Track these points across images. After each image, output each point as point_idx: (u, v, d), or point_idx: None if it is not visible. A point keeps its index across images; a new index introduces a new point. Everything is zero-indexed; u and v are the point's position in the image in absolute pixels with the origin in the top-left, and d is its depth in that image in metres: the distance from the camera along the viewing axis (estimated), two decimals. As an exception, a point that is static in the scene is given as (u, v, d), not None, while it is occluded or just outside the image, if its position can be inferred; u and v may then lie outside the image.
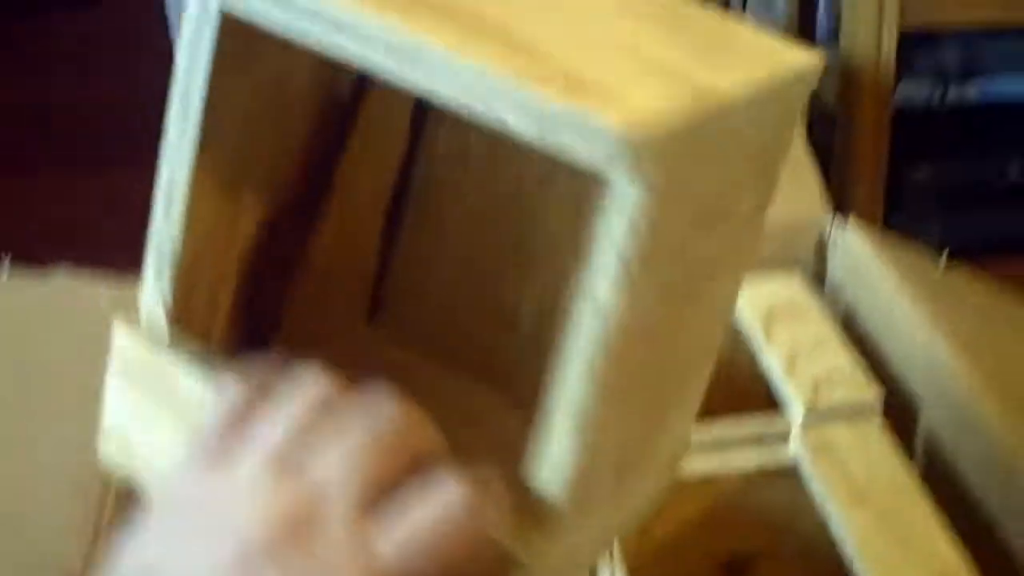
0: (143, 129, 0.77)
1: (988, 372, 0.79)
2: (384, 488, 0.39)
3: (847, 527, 0.71)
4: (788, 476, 0.77)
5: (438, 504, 0.39)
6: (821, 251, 0.98)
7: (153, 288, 0.47)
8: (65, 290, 0.89)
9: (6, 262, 0.90)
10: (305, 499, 0.39)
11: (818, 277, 0.98)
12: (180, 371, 0.46)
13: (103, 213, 2.14)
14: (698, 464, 0.78)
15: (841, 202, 0.98)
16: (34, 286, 0.89)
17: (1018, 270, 1.21)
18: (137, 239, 0.49)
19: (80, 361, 0.81)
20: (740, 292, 0.53)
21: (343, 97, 0.54)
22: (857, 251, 0.94)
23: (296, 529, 0.38)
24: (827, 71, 0.49)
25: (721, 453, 0.78)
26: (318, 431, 0.40)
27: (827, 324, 0.88)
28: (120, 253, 0.69)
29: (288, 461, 0.40)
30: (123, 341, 0.48)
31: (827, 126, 1.52)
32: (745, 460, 0.78)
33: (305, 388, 0.41)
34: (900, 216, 1.55)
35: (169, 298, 0.47)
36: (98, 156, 2.31)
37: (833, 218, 0.97)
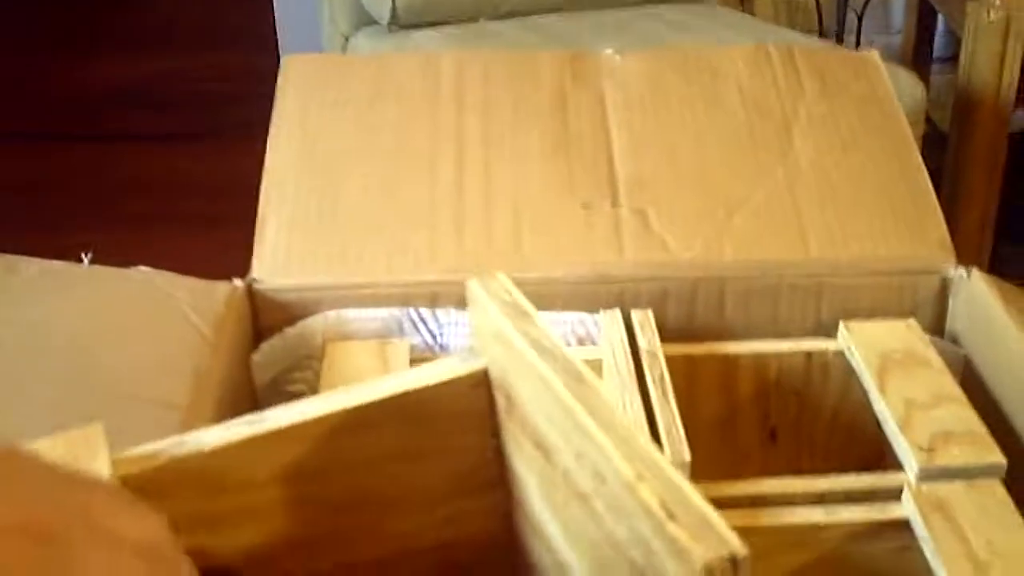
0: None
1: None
2: None
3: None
4: (898, 532, 0.71)
5: None
6: (942, 300, 0.92)
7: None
8: (146, 286, 0.85)
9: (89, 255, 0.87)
10: None
11: (937, 327, 0.92)
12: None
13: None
14: (802, 516, 0.72)
15: (949, 226, 0.93)
16: (115, 279, 0.86)
17: None
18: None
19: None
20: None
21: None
22: (981, 301, 0.88)
23: None
24: (941, 92, 0.44)
25: (826, 506, 0.73)
26: None
27: (946, 376, 0.82)
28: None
29: None
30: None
31: (938, 148, 1.47)
32: (852, 514, 0.73)
33: None
34: (1006, 243, 1.50)
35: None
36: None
37: (956, 266, 0.91)
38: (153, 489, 0.47)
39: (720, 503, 0.72)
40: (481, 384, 0.53)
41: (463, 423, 0.52)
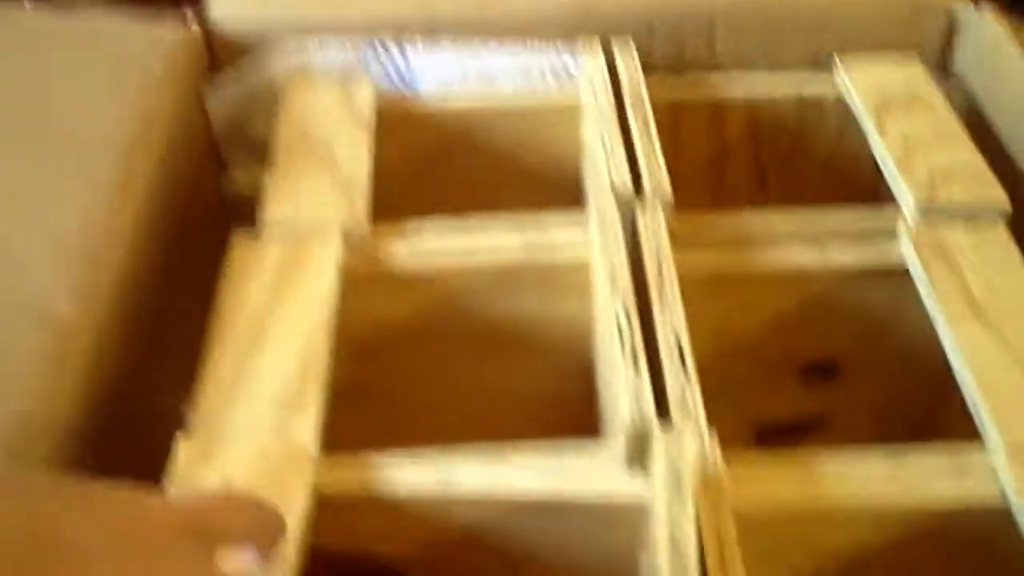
0: None
1: None
2: None
3: (958, 340, 0.61)
4: (893, 277, 0.67)
5: None
6: (948, 37, 0.85)
7: None
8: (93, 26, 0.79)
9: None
10: None
11: (941, 66, 0.86)
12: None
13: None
14: (792, 256, 0.68)
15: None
16: (61, 20, 0.80)
17: None
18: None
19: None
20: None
21: None
22: (991, 39, 0.81)
23: None
24: None
25: (819, 246, 0.69)
26: None
27: (950, 115, 0.77)
28: None
29: None
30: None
31: None
32: (845, 256, 0.68)
33: None
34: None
35: None
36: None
37: (966, 1, 0.84)
38: (342, 505, 0.54)
39: (705, 239, 0.69)
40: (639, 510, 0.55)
41: (621, 528, 0.55)
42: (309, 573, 0.50)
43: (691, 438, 0.54)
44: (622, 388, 0.56)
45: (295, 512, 0.51)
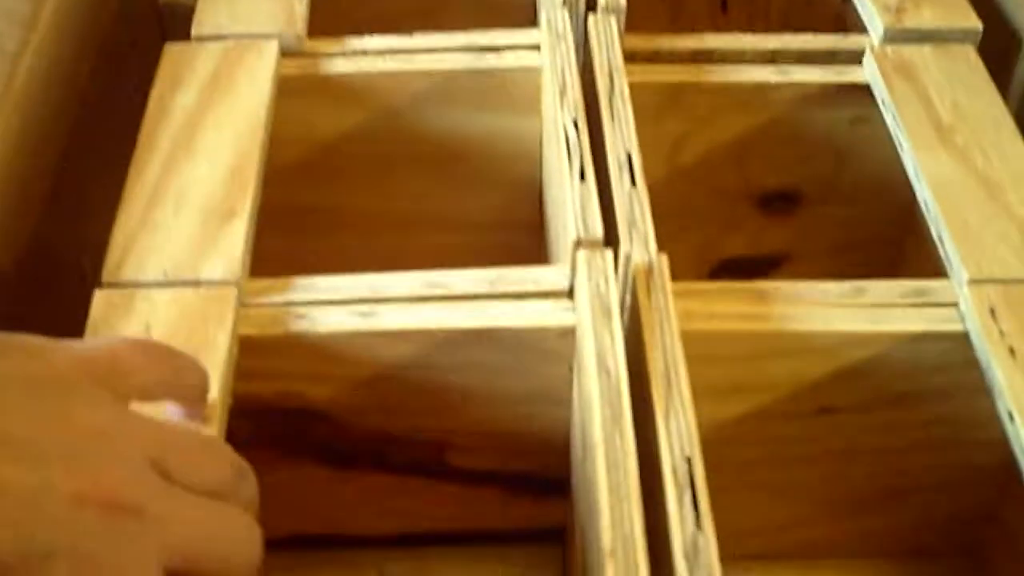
0: None
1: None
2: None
3: (923, 167, 0.58)
4: (856, 96, 0.64)
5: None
6: None
7: None
8: None
9: None
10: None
11: None
12: None
13: None
14: (752, 74, 0.65)
15: None
16: None
17: None
18: None
19: None
20: None
21: None
22: None
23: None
24: None
25: (778, 65, 0.65)
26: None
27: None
28: None
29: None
30: None
31: None
32: (807, 74, 0.65)
33: None
34: None
35: None
36: None
37: None
38: (268, 349, 0.51)
39: (661, 56, 0.65)
40: (568, 334, 0.51)
41: (548, 356, 0.52)
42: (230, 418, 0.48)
43: (638, 255, 0.51)
44: (567, 203, 0.53)
45: (217, 356, 0.48)
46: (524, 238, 0.67)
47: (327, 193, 0.67)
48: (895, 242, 0.68)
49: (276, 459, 0.55)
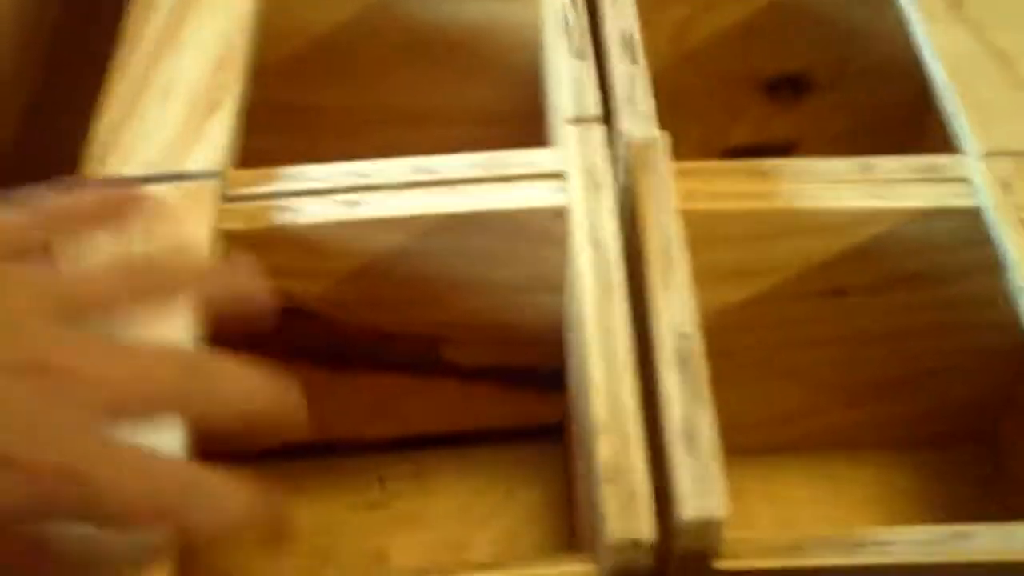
0: None
1: None
2: None
3: (935, 40, 0.55)
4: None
5: None
6: None
7: None
8: None
9: None
10: None
11: None
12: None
13: None
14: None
15: None
16: None
17: None
18: None
19: None
20: None
21: None
22: None
23: None
24: None
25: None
26: None
27: None
28: None
29: None
30: None
31: None
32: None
33: None
34: None
35: None
36: None
37: None
38: (253, 243, 0.48)
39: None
40: (561, 216, 0.49)
41: (541, 240, 0.49)
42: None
43: (637, 133, 0.49)
44: (564, 82, 0.51)
45: (199, 253, 0.47)
46: (525, 130, 0.65)
47: (323, 90, 0.65)
48: (908, 126, 0.66)
49: (268, 361, 0.54)
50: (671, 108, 0.54)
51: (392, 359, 0.55)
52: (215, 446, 0.38)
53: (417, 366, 0.55)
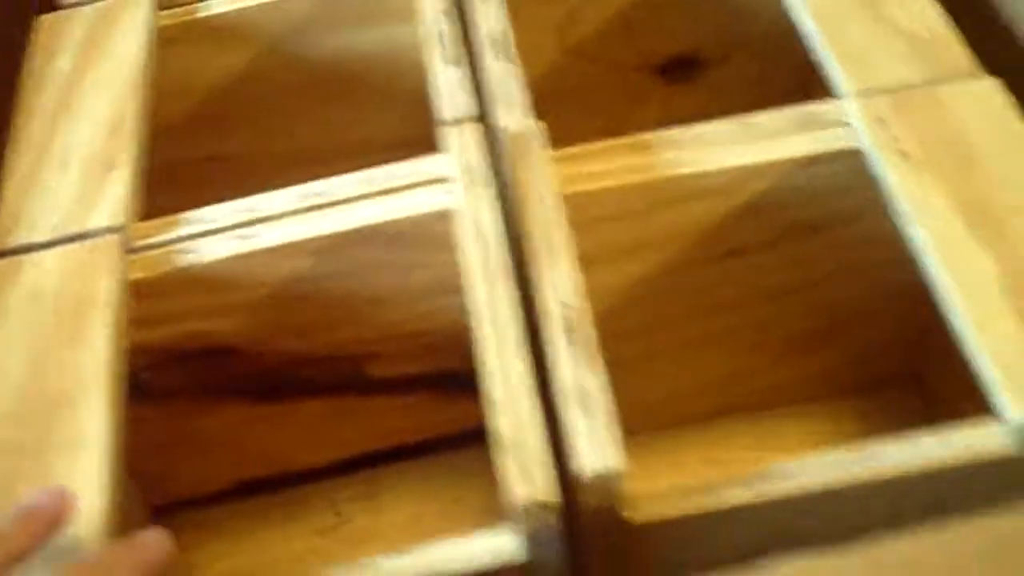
0: None
1: None
2: None
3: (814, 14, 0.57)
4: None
5: None
6: None
7: None
8: None
9: None
10: None
11: None
12: None
13: None
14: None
15: None
16: None
17: None
18: None
19: None
20: None
21: None
22: None
23: None
24: None
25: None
26: None
27: None
28: None
29: None
30: None
31: None
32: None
33: None
34: None
35: None
36: None
37: None
38: (160, 290, 0.50)
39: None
40: (446, 217, 0.50)
41: (432, 244, 0.51)
42: (137, 370, 0.48)
43: (513, 126, 0.51)
44: (441, 88, 0.52)
45: (106, 306, 0.48)
46: (432, 149, 0.66)
47: (225, 140, 0.67)
48: (807, 88, 0.67)
49: (200, 405, 0.55)
50: (570, 102, 0.55)
51: (321, 383, 0.56)
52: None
53: (346, 387, 0.56)
